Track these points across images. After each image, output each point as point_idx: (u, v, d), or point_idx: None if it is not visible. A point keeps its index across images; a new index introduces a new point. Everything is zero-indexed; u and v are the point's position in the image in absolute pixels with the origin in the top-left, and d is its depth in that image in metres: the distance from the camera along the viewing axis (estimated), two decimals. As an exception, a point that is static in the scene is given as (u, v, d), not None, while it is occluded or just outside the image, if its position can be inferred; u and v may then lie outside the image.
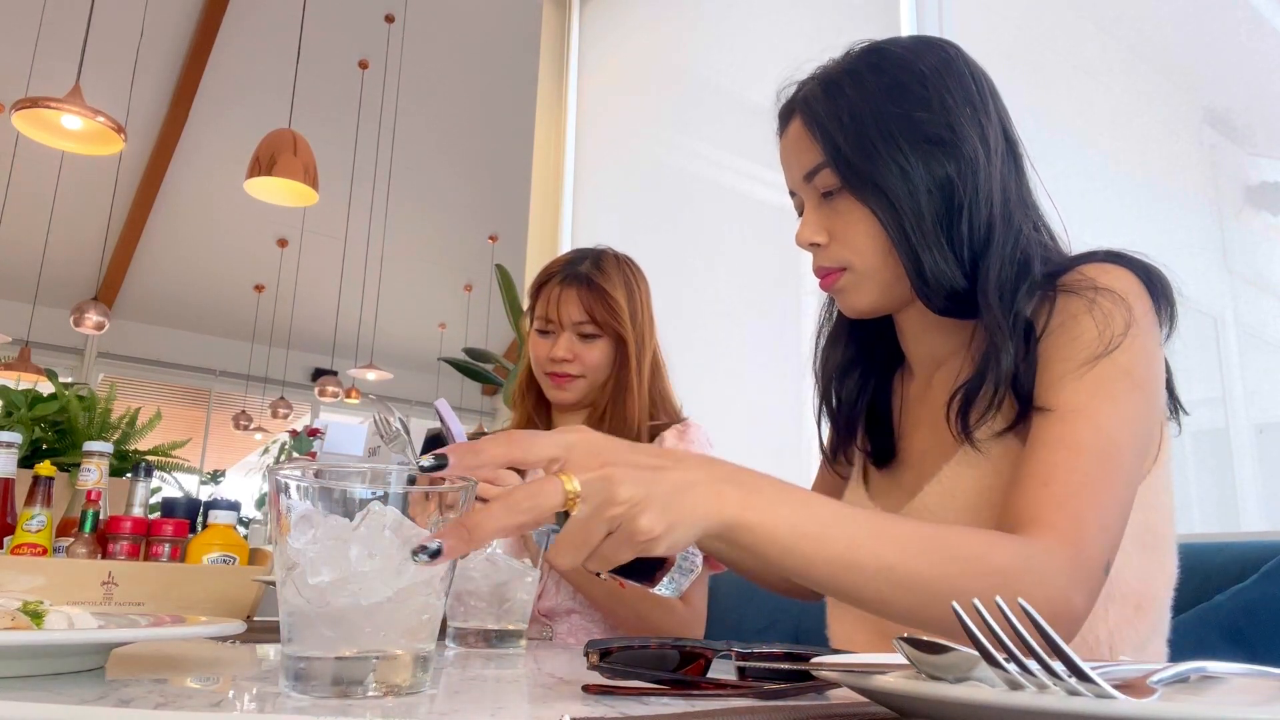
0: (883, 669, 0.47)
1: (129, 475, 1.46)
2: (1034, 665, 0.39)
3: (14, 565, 1.19)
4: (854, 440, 0.98)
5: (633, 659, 0.59)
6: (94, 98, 3.67)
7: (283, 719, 0.45)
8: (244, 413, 8.57)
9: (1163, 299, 0.79)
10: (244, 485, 8.92)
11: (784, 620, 1.49)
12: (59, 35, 5.81)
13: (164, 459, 1.79)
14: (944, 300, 0.83)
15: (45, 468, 1.31)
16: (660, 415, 1.47)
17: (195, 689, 0.54)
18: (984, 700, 0.39)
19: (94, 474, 1.36)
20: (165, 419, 1.95)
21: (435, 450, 0.50)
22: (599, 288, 1.41)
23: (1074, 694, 0.36)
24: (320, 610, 0.51)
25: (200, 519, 1.86)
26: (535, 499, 0.51)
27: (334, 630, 0.51)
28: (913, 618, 0.64)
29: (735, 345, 2.70)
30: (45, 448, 1.61)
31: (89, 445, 1.37)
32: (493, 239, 8.38)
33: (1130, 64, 1.91)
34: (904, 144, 0.81)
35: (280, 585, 0.53)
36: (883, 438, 0.94)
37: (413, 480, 0.50)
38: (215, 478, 7.82)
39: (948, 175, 0.81)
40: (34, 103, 3.40)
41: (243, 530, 4.56)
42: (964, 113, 0.83)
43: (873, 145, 0.81)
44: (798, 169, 0.88)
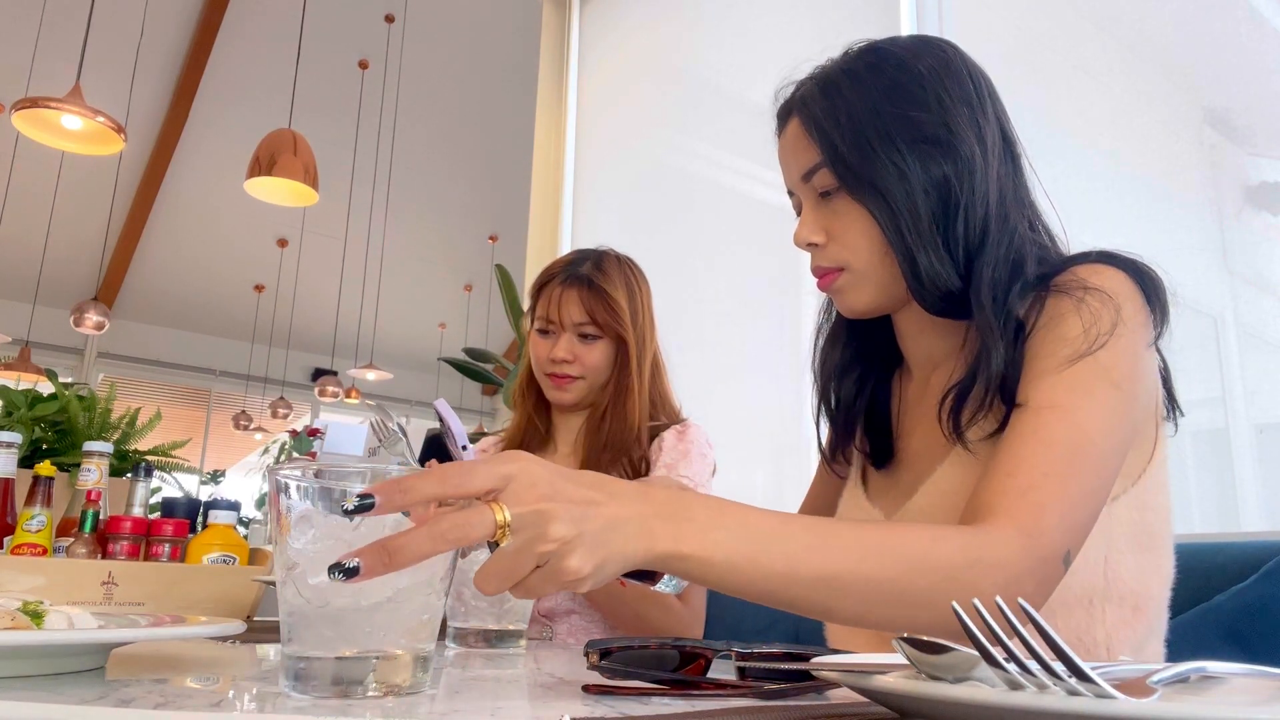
0: (883, 669, 0.47)
1: (129, 475, 1.46)
2: (1034, 665, 0.39)
3: (14, 565, 1.19)
4: (852, 440, 0.98)
5: (633, 659, 0.59)
6: (94, 98, 3.67)
7: (283, 719, 0.45)
8: (244, 413, 8.57)
9: (1155, 300, 0.79)
10: (244, 485, 8.92)
11: (784, 620, 1.49)
12: (59, 35, 5.81)
13: (164, 459, 1.79)
14: (938, 300, 0.83)
15: (45, 468, 1.31)
16: (660, 416, 1.47)
17: (195, 689, 0.54)
18: (984, 700, 0.39)
19: (94, 474, 1.36)
20: (165, 419, 1.94)
21: (362, 491, 0.49)
22: (600, 289, 1.41)
23: (1074, 694, 0.36)
24: (321, 610, 0.51)
25: (200, 519, 1.86)
26: (462, 528, 0.50)
27: (334, 630, 0.51)
28: (865, 622, 0.64)
29: (735, 345, 2.70)
30: (45, 448, 1.61)
31: (89, 445, 1.37)
32: (493, 239, 8.38)
33: (1130, 64, 1.91)
34: (901, 144, 0.81)
35: (280, 585, 0.53)
36: (881, 438, 0.94)
37: (349, 514, 0.49)
38: (215, 478, 7.82)
39: (944, 175, 0.81)
40: (34, 103, 3.40)
41: (243, 530, 4.56)
42: (961, 113, 0.83)
43: (870, 145, 0.82)
44: (796, 169, 0.88)
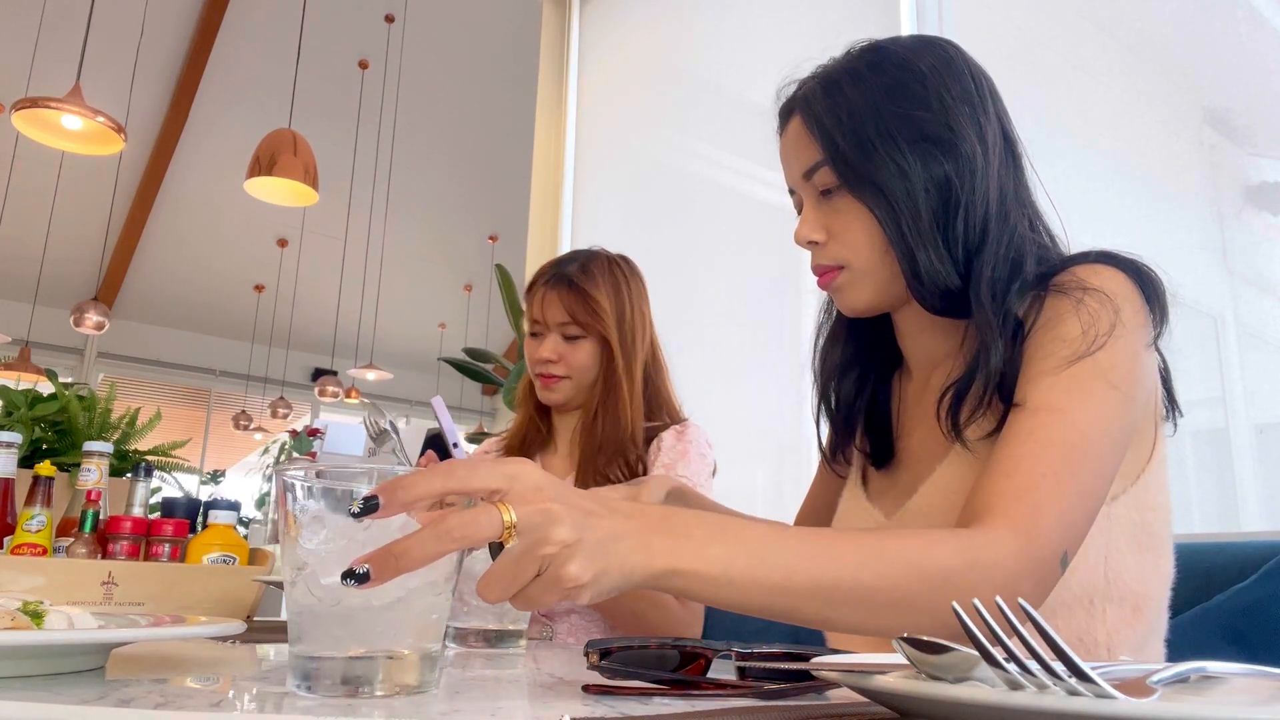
0: (883, 669, 0.47)
1: (129, 475, 1.46)
2: (1034, 665, 0.39)
3: (14, 565, 1.19)
4: (852, 440, 0.98)
5: (633, 659, 0.59)
6: (94, 98, 3.67)
7: (284, 719, 0.45)
8: (244, 413, 8.57)
9: (1155, 300, 0.79)
10: (244, 485, 8.92)
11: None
12: (59, 35, 5.81)
13: (164, 459, 1.79)
14: (938, 299, 0.83)
15: (45, 468, 1.31)
16: (660, 416, 1.47)
17: (195, 689, 0.54)
18: (984, 700, 0.39)
19: (94, 474, 1.36)
20: (165, 419, 1.94)
21: (366, 494, 0.49)
22: (580, 289, 1.42)
23: (1074, 694, 0.36)
24: (331, 610, 0.51)
25: (200, 519, 1.86)
26: (468, 527, 0.49)
27: (344, 629, 0.51)
28: (865, 629, 0.64)
29: (734, 345, 2.70)
30: (45, 448, 1.61)
31: (89, 445, 1.37)
32: (493, 239, 8.38)
33: (1130, 64, 1.91)
34: (902, 143, 0.81)
35: (289, 585, 0.53)
36: (881, 438, 0.94)
37: (356, 517, 0.49)
38: (215, 478, 7.83)
39: (945, 174, 0.81)
40: (34, 103, 3.40)
41: (243, 530, 4.57)
42: (962, 112, 0.83)
43: (871, 144, 0.82)
44: (797, 167, 0.88)
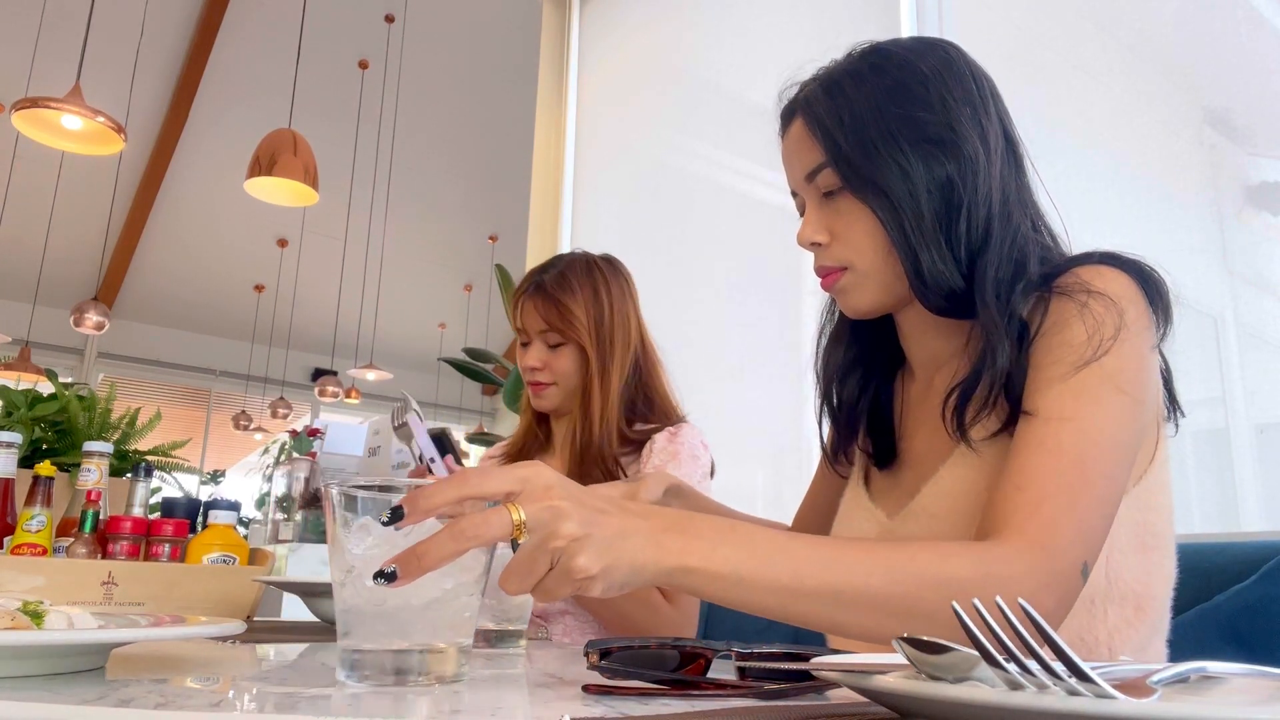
0: (883, 669, 0.47)
1: (129, 475, 1.46)
2: (1034, 665, 0.39)
3: (14, 565, 1.19)
4: (855, 440, 0.98)
5: (633, 659, 0.59)
6: (94, 98, 3.67)
7: (284, 718, 0.45)
8: (244, 413, 8.57)
9: (1158, 301, 0.79)
10: (244, 485, 8.92)
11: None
12: (59, 35, 5.81)
13: (164, 459, 1.79)
14: (941, 300, 0.83)
15: (45, 468, 1.31)
16: (655, 416, 1.46)
17: (195, 689, 0.54)
18: (984, 700, 0.39)
19: (94, 474, 1.36)
20: (165, 419, 1.94)
21: (394, 505, 0.55)
22: (553, 298, 1.43)
23: (1074, 694, 0.36)
24: (376, 609, 0.56)
25: (200, 519, 1.86)
26: (480, 527, 0.54)
27: (388, 626, 0.56)
28: (872, 636, 0.64)
29: (734, 344, 2.70)
30: (45, 448, 1.61)
31: (89, 445, 1.37)
32: (493, 239, 8.38)
33: (1130, 64, 1.91)
34: (905, 144, 0.81)
35: (339, 587, 0.58)
36: (884, 438, 0.94)
37: (385, 524, 0.55)
38: (215, 478, 7.83)
39: (948, 175, 0.81)
40: (34, 103, 3.40)
41: (243, 530, 4.57)
42: (964, 113, 0.83)
43: (874, 145, 0.82)
44: (799, 169, 0.88)
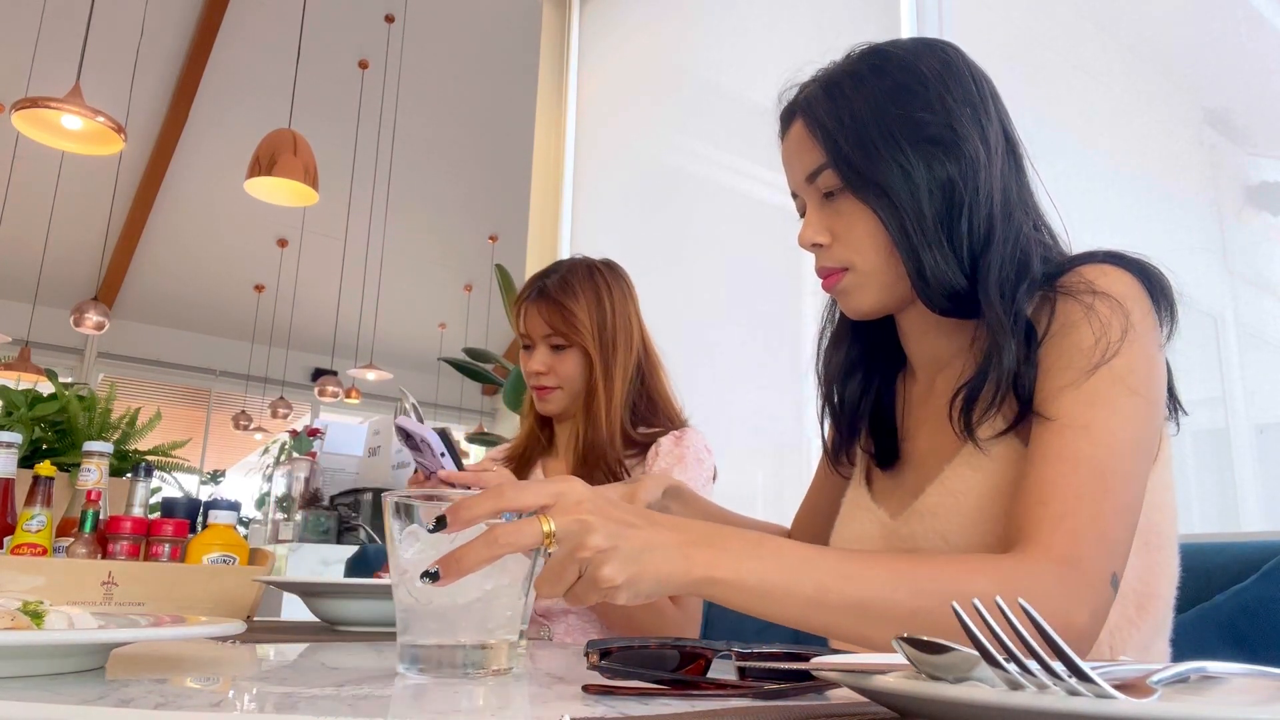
0: (883, 669, 0.47)
1: (129, 475, 1.46)
2: (1034, 665, 0.39)
3: (14, 565, 1.19)
4: (856, 441, 0.98)
5: (633, 659, 0.59)
6: (94, 98, 3.67)
7: (283, 718, 0.45)
8: (244, 413, 8.57)
9: (1163, 301, 0.79)
10: (244, 485, 8.92)
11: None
12: (59, 35, 5.81)
13: (164, 459, 1.79)
14: (944, 300, 0.83)
15: (45, 468, 1.31)
16: (657, 420, 1.47)
17: (195, 689, 0.54)
18: (984, 700, 0.39)
19: (94, 474, 1.36)
20: (165, 419, 1.94)
21: (438, 515, 0.61)
22: (556, 302, 1.44)
23: (1074, 694, 0.36)
24: (426, 607, 0.62)
25: (200, 519, 1.86)
26: (512, 535, 0.58)
27: (437, 623, 0.62)
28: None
29: (734, 344, 2.70)
30: (45, 448, 1.61)
31: (89, 445, 1.37)
32: (493, 239, 8.38)
33: (1130, 64, 1.91)
34: (905, 144, 0.81)
35: (396, 587, 0.65)
36: (886, 439, 0.94)
37: (431, 532, 0.61)
38: (215, 478, 7.83)
39: (949, 175, 0.81)
40: (34, 103, 3.40)
41: (243, 530, 4.57)
42: (964, 113, 0.83)
43: (874, 146, 0.82)
44: (800, 170, 0.88)
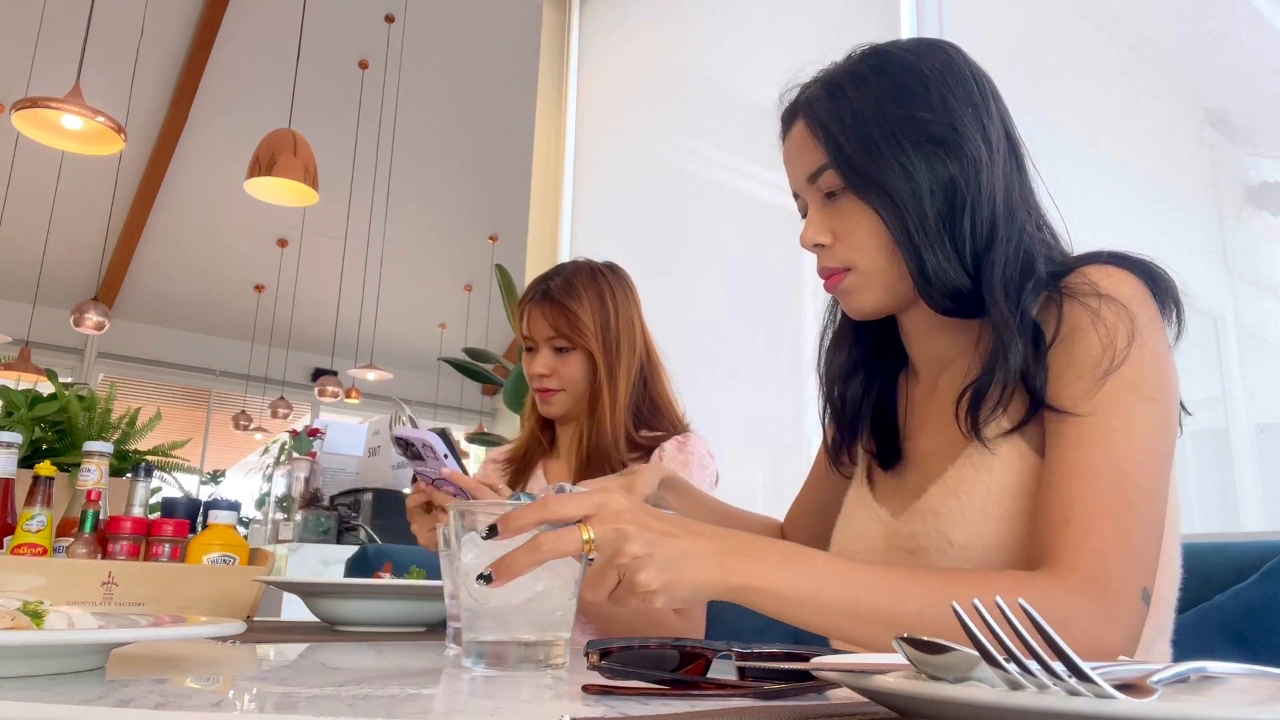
0: (883, 669, 0.47)
1: (129, 475, 1.46)
2: (1034, 665, 0.39)
3: (14, 565, 1.19)
4: (858, 441, 0.98)
5: (633, 659, 0.59)
6: (94, 98, 3.67)
7: (282, 718, 0.45)
8: (244, 413, 8.56)
9: (1168, 302, 0.79)
10: (244, 485, 8.92)
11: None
12: (59, 35, 5.81)
13: (164, 459, 1.79)
14: (946, 300, 0.83)
15: (45, 468, 1.31)
16: (660, 423, 1.47)
17: (195, 689, 0.54)
18: (984, 700, 0.39)
19: (94, 474, 1.36)
20: (165, 419, 1.94)
21: (489, 524, 0.67)
22: (560, 304, 1.44)
23: (1074, 694, 0.36)
24: (484, 606, 0.68)
25: (200, 519, 1.86)
26: (555, 542, 0.63)
27: (494, 621, 0.69)
28: None
29: (734, 344, 2.70)
30: (45, 448, 1.61)
31: (89, 445, 1.37)
32: (493, 239, 8.38)
33: (1130, 64, 1.91)
34: (907, 144, 0.81)
35: (461, 589, 0.72)
36: (888, 439, 0.94)
37: (484, 539, 0.67)
38: (215, 478, 7.83)
39: (950, 175, 0.81)
40: (34, 103, 3.39)
41: (243, 530, 4.57)
42: (966, 113, 0.83)
43: (876, 146, 0.82)
44: (801, 171, 0.88)
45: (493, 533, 0.66)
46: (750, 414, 2.58)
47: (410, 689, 0.58)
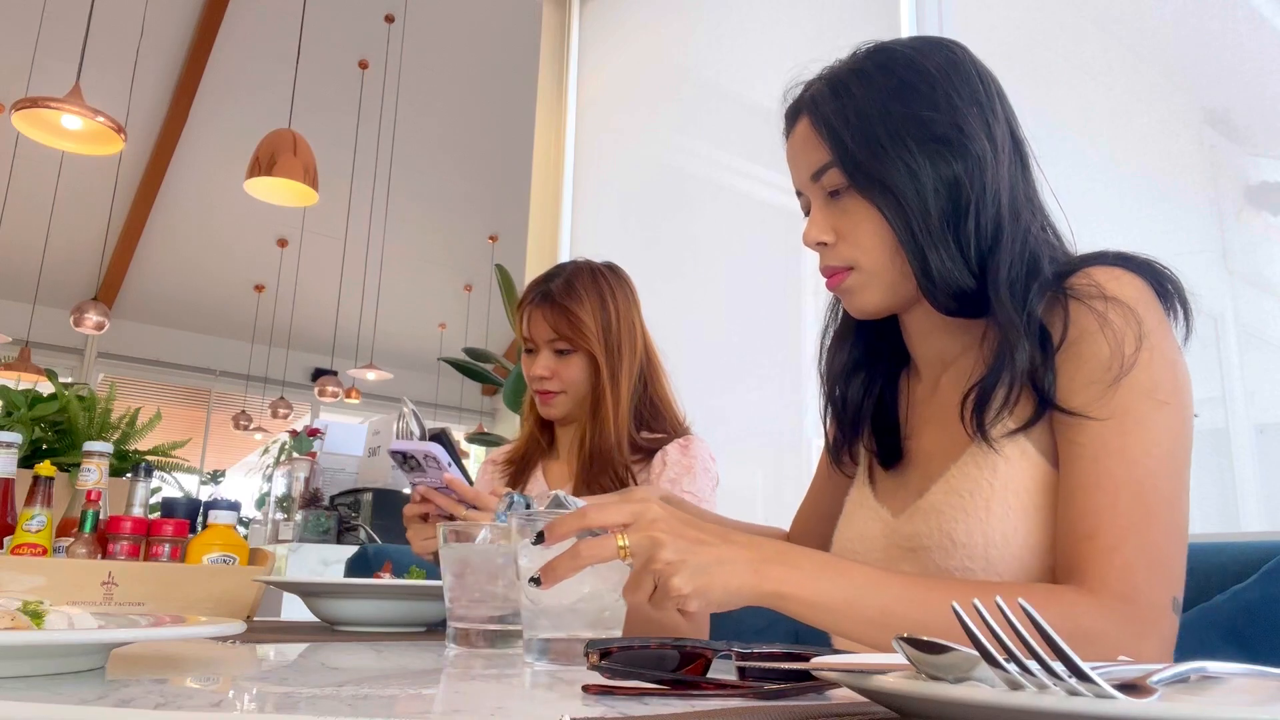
0: (883, 669, 0.47)
1: (129, 475, 1.46)
2: (1034, 665, 0.39)
3: (14, 565, 1.19)
4: (859, 440, 0.98)
5: (633, 659, 0.59)
6: (94, 98, 3.67)
7: (282, 718, 0.45)
8: (244, 413, 8.57)
9: (1175, 303, 0.78)
10: (244, 485, 8.92)
11: (784, 620, 1.49)
12: (59, 35, 5.81)
13: (164, 459, 1.79)
14: (950, 300, 0.82)
15: (45, 468, 1.31)
16: (661, 425, 1.47)
17: (195, 689, 0.54)
18: (984, 700, 0.39)
19: (94, 474, 1.36)
20: (165, 419, 1.94)
21: (539, 530, 0.72)
22: (562, 306, 1.43)
23: (1074, 694, 0.36)
24: (537, 607, 0.75)
25: (200, 519, 1.86)
26: (593, 549, 0.67)
27: (549, 620, 0.75)
28: None
29: (734, 344, 2.70)
30: (45, 448, 1.61)
31: (89, 445, 1.37)
32: (493, 239, 8.38)
33: (1130, 64, 1.91)
34: (912, 143, 0.81)
35: (521, 591, 0.78)
36: (889, 438, 0.94)
37: (540, 539, 0.71)
38: (215, 478, 7.82)
39: (955, 174, 0.81)
40: (34, 103, 3.39)
41: (243, 530, 4.57)
42: (971, 112, 0.82)
43: (880, 144, 0.81)
44: (805, 169, 0.87)
45: (540, 539, 0.70)
46: (750, 414, 2.58)
47: (410, 689, 0.58)
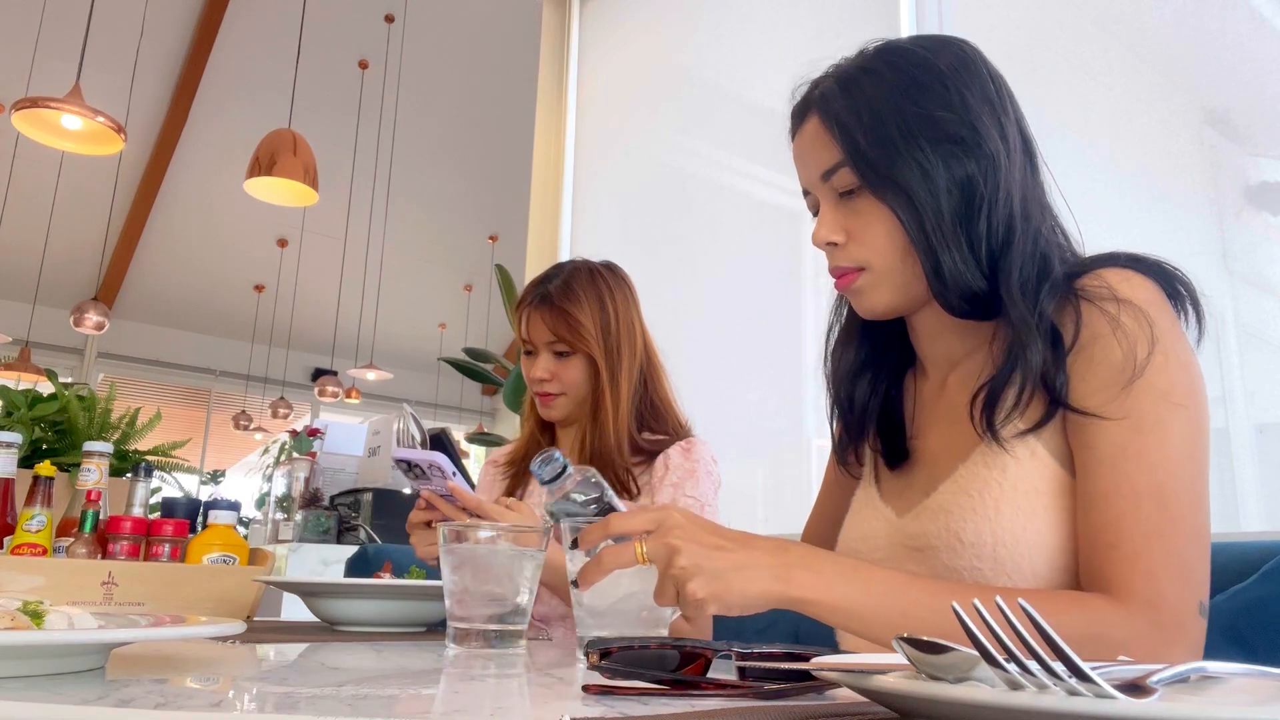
0: (883, 669, 0.47)
1: (129, 475, 1.46)
2: (1034, 665, 0.39)
3: (14, 565, 1.19)
4: (865, 440, 0.97)
5: (633, 659, 0.59)
6: (94, 98, 3.67)
7: (282, 718, 0.45)
8: (244, 413, 8.57)
9: (1187, 304, 0.78)
10: (244, 485, 8.92)
11: (784, 620, 1.49)
12: (59, 35, 5.81)
13: (164, 459, 1.79)
14: (961, 301, 0.82)
15: (45, 468, 1.31)
16: (662, 426, 1.46)
17: (195, 689, 0.54)
18: (984, 700, 0.39)
19: (94, 474, 1.36)
20: (165, 419, 1.94)
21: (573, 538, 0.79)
22: (560, 308, 1.42)
23: (1074, 694, 0.36)
24: (580, 608, 0.81)
25: (200, 519, 1.86)
26: (614, 557, 0.72)
27: (594, 620, 0.81)
28: None
29: (735, 345, 2.70)
30: (45, 448, 1.61)
31: (89, 445, 1.37)
32: (493, 239, 8.38)
33: (1130, 64, 1.91)
34: (924, 143, 0.80)
35: (572, 595, 0.83)
36: (895, 438, 0.94)
37: (575, 545, 0.78)
38: (215, 478, 7.82)
39: (968, 174, 0.80)
40: (34, 103, 3.39)
41: (243, 530, 4.57)
42: (984, 111, 0.82)
43: (893, 144, 0.80)
44: (815, 168, 0.86)
45: (574, 545, 0.76)
46: (750, 414, 2.58)
47: (410, 689, 0.58)
